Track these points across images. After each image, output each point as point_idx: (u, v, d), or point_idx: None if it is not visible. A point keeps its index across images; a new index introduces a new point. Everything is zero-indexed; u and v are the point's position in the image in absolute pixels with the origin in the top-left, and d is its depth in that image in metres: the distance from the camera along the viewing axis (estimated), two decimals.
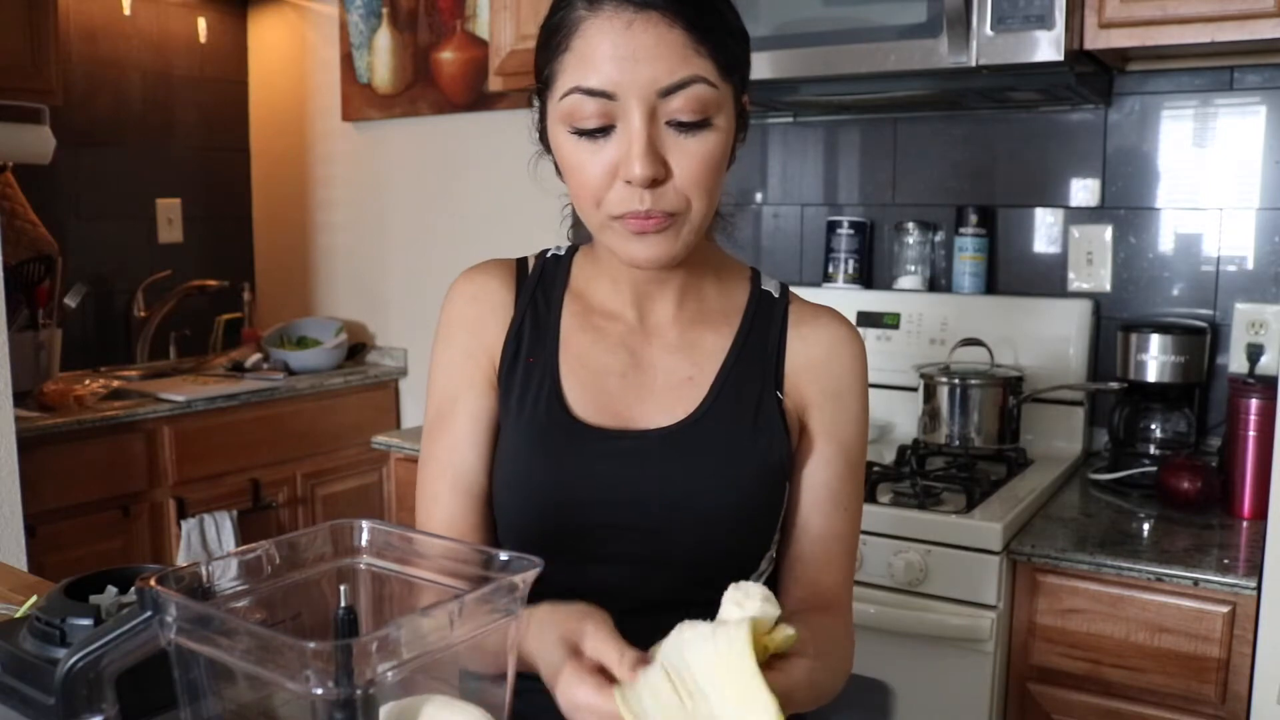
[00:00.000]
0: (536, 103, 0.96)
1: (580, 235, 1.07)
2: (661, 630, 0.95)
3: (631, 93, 0.85)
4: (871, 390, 2.17)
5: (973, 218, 2.12)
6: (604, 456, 0.97)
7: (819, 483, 1.02)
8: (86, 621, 0.88)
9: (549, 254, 1.08)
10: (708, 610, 0.96)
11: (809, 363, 1.02)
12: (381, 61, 2.96)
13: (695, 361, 1.00)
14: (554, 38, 0.90)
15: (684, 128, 0.87)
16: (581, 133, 0.88)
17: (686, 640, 0.73)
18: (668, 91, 0.85)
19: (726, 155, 0.92)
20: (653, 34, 0.85)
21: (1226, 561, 1.48)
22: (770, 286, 1.06)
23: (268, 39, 3.24)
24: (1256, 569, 1.43)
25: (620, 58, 0.85)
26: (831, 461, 1.02)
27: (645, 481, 0.96)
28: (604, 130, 0.87)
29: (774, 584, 1.07)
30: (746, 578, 0.99)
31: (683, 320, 1.01)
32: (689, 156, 0.87)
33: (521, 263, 1.07)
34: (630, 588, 0.96)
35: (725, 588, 0.97)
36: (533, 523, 0.97)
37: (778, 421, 0.99)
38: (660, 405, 0.99)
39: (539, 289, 1.04)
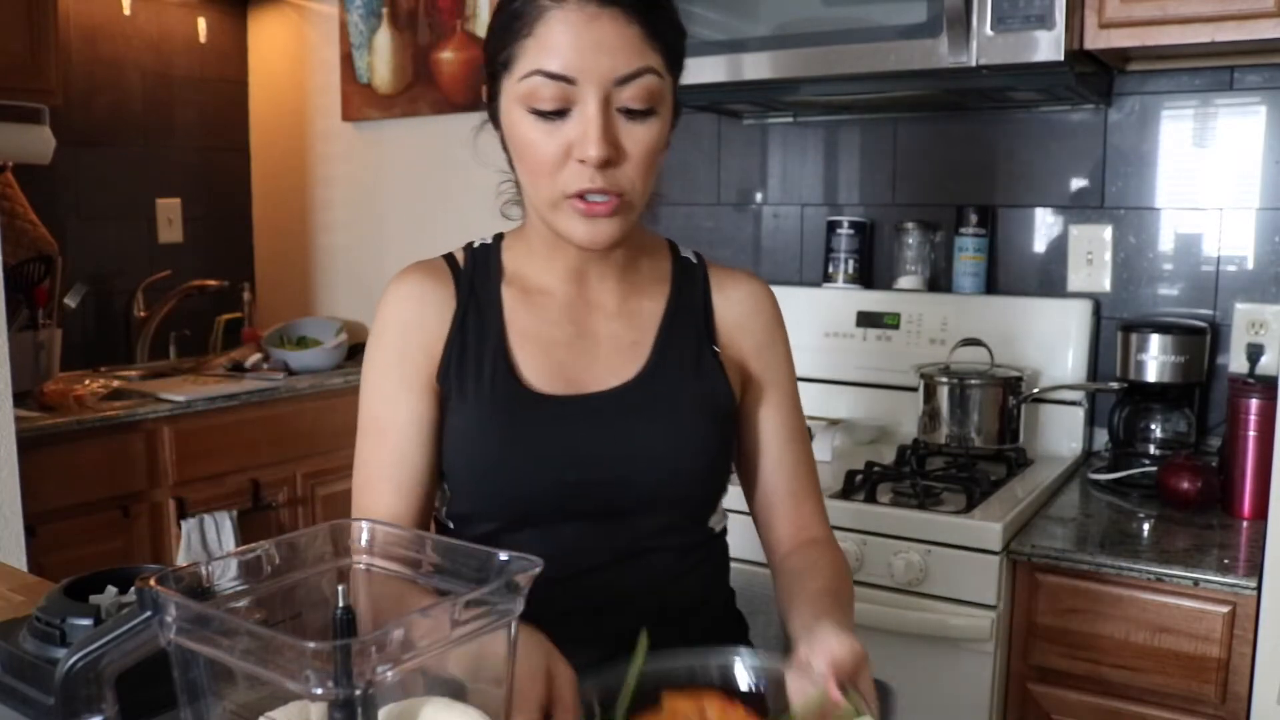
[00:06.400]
0: (487, 82, 1.03)
1: (513, 213, 1.13)
2: (625, 582, 1.03)
3: (591, 79, 0.93)
4: (872, 390, 2.21)
5: (973, 218, 2.12)
6: (560, 420, 1.03)
7: (777, 424, 1.13)
8: (86, 621, 0.88)
9: (476, 245, 1.14)
10: (668, 556, 1.05)
11: (737, 319, 1.13)
12: (381, 61, 2.96)
13: (636, 326, 1.08)
14: (515, 22, 0.96)
15: (633, 115, 0.95)
16: (539, 113, 0.95)
17: None
18: (623, 80, 0.93)
19: (666, 142, 1.00)
20: (613, 28, 0.93)
21: (1226, 561, 1.48)
22: (688, 254, 1.16)
23: (268, 39, 3.23)
24: (1256, 569, 1.43)
25: (582, 47, 0.92)
26: (779, 404, 1.14)
27: (601, 440, 1.03)
28: (561, 112, 0.94)
29: (730, 533, 1.16)
30: (704, 523, 1.11)
31: (621, 291, 1.09)
32: (637, 142, 0.96)
33: (450, 258, 1.12)
34: (596, 543, 1.03)
35: (683, 534, 1.07)
36: (501, 494, 1.02)
37: (717, 371, 1.09)
38: (608, 368, 1.06)
39: (475, 279, 1.09)
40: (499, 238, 1.14)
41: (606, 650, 1.00)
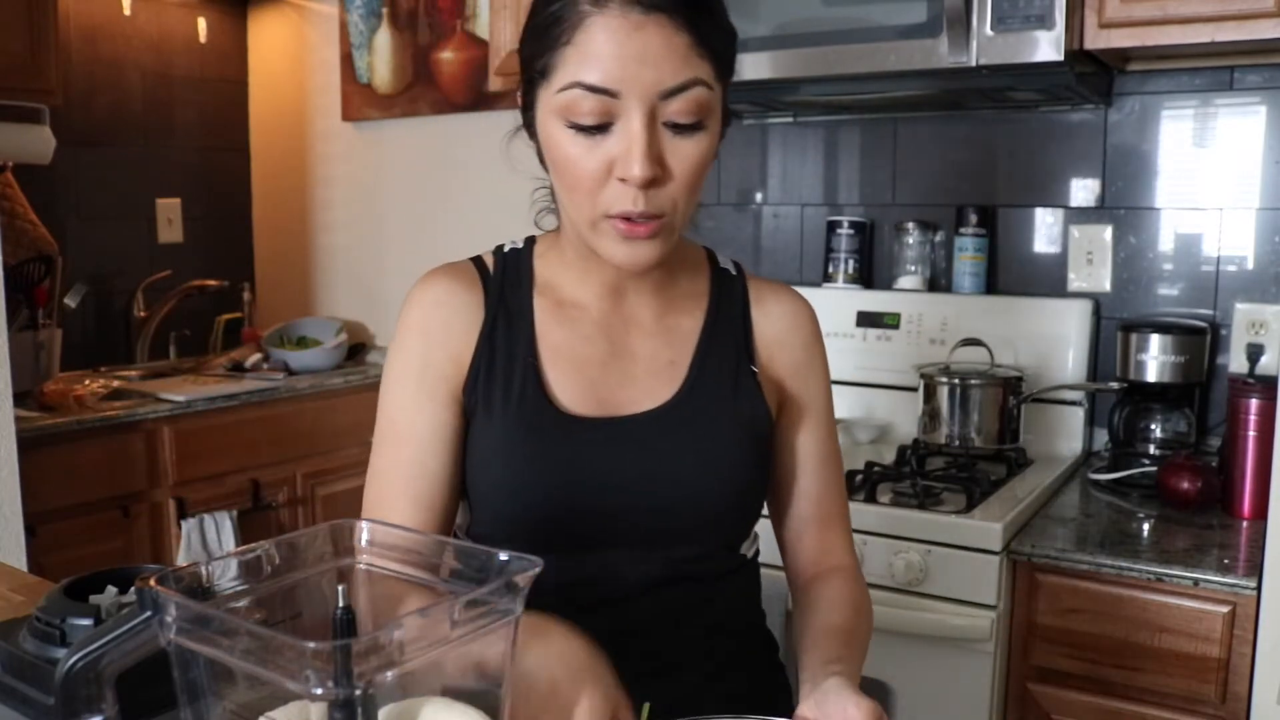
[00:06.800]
0: (522, 89, 0.96)
1: (547, 222, 1.07)
2: (654, 610, 0.99)
3: (634, 92, 0.86)
4: (872, 390, 2.21)
5: (973, 218, 2.12)
6: (594, 445, 0.98)
7: (811, 448, 1.09)
8: (86, 621, 0.88)
9: (506, 249, 1.07)
10: (698, 584, 1.01)
11: (776, 337, 1.08)
12: (381, 61, 2.96)
13: (672, 344, 1.03)
14: (554, 29, 0.89)
15: (680, 130, 0.89)
16: (579, 128, 0.89)
17: None
18: (669, 94, 0.87)
19: (714, 155, 0.94)
20: (660, 36, 0.86)
21: (1226, 561, 1.48)
22: (727, 265, 1.11)
23: (268, 39, 3.23)
24: (1256, 569, 1.43)
25: (626, 57, 0.86)
26: (814, 427, 1.09)
27: (637, 465, 0.98)
28: (602, 127, 0.88)
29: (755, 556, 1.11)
30: (738, 548, 1.07)
31: (657, 307, 1.04)
32: (683, 159, 0.90)
33: (479, 262, 1.06)
34: (629, 570, 0.99)
35: (715, 560, 1.03)
36: (528, 518, 0.97)
37: (755, 392, 1.04)
38: (644, 389, 1.01)
39: (505, 286, 1.03)
40: (530, 242, 1.08)
41: (632, 678, 0.99)
